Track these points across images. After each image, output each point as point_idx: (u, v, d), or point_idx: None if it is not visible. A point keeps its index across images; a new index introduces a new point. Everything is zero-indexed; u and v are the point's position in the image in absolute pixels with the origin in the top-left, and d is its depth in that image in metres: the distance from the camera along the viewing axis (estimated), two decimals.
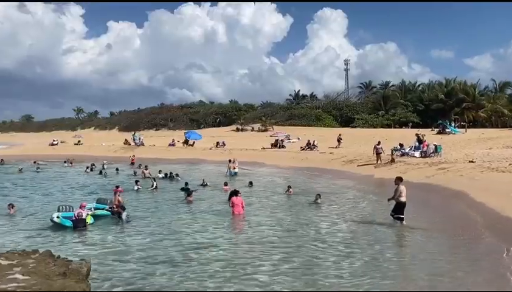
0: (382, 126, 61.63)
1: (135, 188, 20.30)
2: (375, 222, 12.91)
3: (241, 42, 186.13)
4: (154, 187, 20.64)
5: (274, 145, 39.95)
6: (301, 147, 36.89)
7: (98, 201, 15.49)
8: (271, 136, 49.87)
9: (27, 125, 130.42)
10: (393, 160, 24.90)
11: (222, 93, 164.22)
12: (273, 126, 65.79)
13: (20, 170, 29.24)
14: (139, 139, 47.95)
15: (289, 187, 19.63)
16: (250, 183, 21.37)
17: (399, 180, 12.67)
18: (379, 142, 26.58)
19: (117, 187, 18.13)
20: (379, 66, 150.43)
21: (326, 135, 45.62)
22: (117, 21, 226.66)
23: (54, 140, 54.47)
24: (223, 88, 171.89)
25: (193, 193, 18.05)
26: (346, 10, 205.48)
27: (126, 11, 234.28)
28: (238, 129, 69.34)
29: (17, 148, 53.45)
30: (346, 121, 68.09)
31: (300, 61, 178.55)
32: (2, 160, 35.73)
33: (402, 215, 12.44)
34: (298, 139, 45.10)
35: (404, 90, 75.62)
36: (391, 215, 12.66)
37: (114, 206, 14.54)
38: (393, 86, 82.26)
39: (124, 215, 13.76)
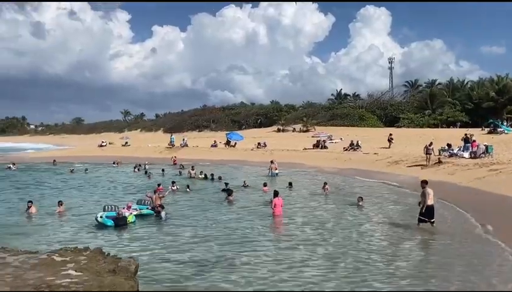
0: (429, 126, 59.45)
1: (169, 188, 20.27)
2: (420, 227, 12.48)
3: (281, 43, 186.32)
4: (188, 189, 20.98)
5: (316, 145, 39.58)
6: (344, 148, 36.33)
7: (138, 202, 16.08)
8: (313, 137, 49.39)
9: (77, 127, 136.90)
10: (440, 162, 24.02)
11: (263, 94, 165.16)
12: (315, 127, 65.10)
13: (71, 171, 30.64)
14: (183, 139, 48.95)
15: (325, 183, 19.64)
16: (290, 184, 21.28)
17: (424, 183, 12.61)
18: (431, 143, 25.63)
19: (159, 185, 19.00)
20: (425, 64, 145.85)
21: (370, 136, 44.68)
22: (161, 26, 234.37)
23: (103, 142, 56.71)
24: (264, 89, 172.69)
25: (233, 193, 18.26)
26: (390, 8, 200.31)
27: (169, 15, 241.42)
28: (279, 130, 69.15)
29: (69, 149, 56.25)
30: (391, 121, 66.27)
31: (342, 60, 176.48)
32: (54, 161, 37.63)
33: (433, 218, 12.26)
34: (341, 139, 44.44)
35: (451, 88, 72.55)
36: (419, 218, 12.42)
37: (157, 205, 15.02)
38: (439, 84, 79.20)
39: (163, 213, 14.26)
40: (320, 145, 39.26)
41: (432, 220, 12.24)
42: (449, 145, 27.83)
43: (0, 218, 14.83)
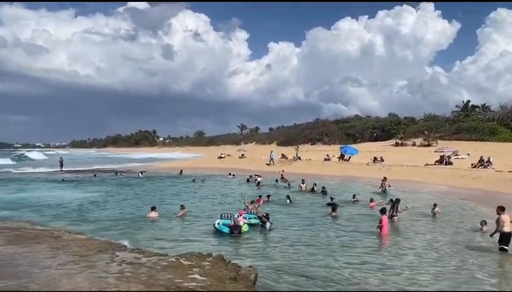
0: None
1: (262, 199, 20.74)
2: None
3: (400, 53, 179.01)
4: (289, 202, 21.16)
5: (439, 161, 36.59)
6: (472, 164, 32.95)
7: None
8: (436, 152, 45.88)
9: (199, 139, 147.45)
10: None
11: (379, 107, 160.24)
12: (438, 141, 60.46)
13: (193, 180, 32.96)
14: (296, 152, 49.33)
15: (435, 205, 17.95)
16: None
17: (500, 210, 11.66)
18: None
19: (260, 196, 20.50)
20: None
21: (503, 151, 39.94)
22: (276, 42, 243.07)
23: (222, 154, 60.16)
24: (379, 101, 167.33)
25: (339, 207, 17.92)
26: None
27: (285, 31, 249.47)
28: (397, 144, 65.65)
29: (193, 160, 60.89)
30: None
31: (468, 69, 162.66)
32: (181, 171, 40.91)
33: (507, 245, 11.33)
34: (468, 154, 40.47)
35: None
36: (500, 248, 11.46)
37: (263, 215, 15.44)
38: None
39: (268, 224, 14.67)
40: (444, 161, 36.20)
41: (506, 247, 11.36)
42: None
43: (128, 220, 16.50)
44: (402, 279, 9.42)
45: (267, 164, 45.97)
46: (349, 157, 44.91)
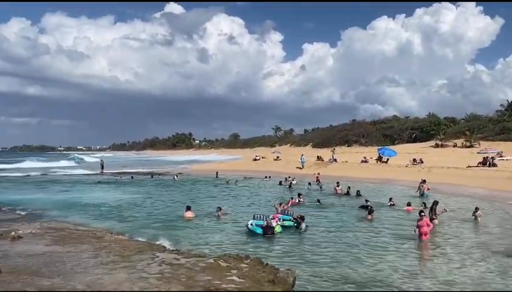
0: None
1: (291, 201, 21.02)
2: None
3: (439, 52, 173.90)
4: (317, 202, 21.29)
5: (482, 163, 35.13)
6: None
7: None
8: (478, 153, 44.13)
9: (234, 142, 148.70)
10: None
11: (417, 107, 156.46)
12: (480, 142, 58.14)
13: (227, 182, 33.47)
14: (332, 154, 48.75)
15: (477, 208, 17.04)
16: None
17: None
18: None
19: (291, 198, 21.10)
20: None
21: None
22: (311, 43, 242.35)
23: (257, 156, 60.38)
24: (418, 101, 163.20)
25: (375, 211, 17.59)
26: None
27: (320, 32, 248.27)
28: (437, 145, 63.65)
29: (230, 162, 61.53)
30: None
31: None
32: (217, 173, 41.36)
33: None
34: None
35: None
36: None
37: (298, 216, 15.39)
38: None
39: (303, 225, 14.63)
40: (488, 163, 34.72)
41: None
42: None
43: (164, 220, 16.95)
44: (445, 285, 9.11)
45: (298, 168, 45.54)
46: (388, 159, 43.91)
